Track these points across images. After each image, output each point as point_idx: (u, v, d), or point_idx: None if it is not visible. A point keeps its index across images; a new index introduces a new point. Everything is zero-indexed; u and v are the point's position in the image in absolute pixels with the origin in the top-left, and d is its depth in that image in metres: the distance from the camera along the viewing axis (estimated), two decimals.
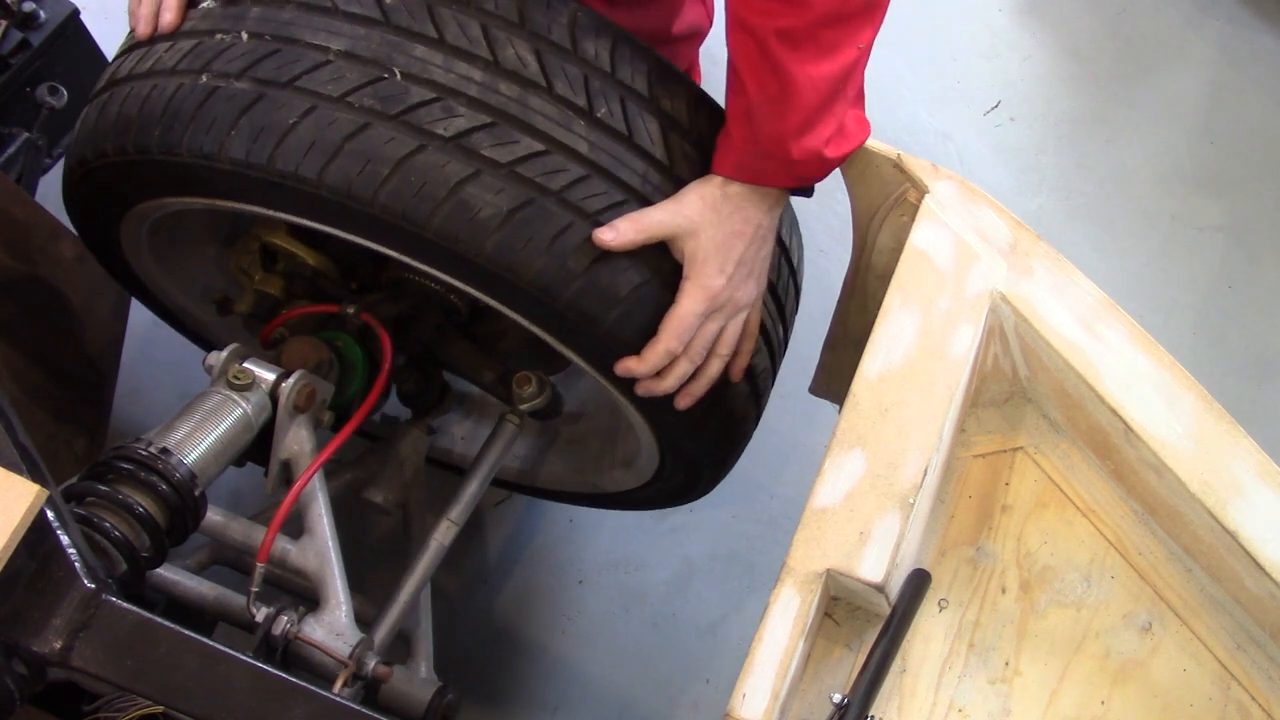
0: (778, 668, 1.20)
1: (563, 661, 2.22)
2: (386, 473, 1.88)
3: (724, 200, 1.36)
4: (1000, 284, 1.37)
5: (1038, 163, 2.79)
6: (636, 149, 1.36)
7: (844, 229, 1.58)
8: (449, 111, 1.30)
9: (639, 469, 1.80)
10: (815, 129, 1.34)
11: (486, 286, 1.38)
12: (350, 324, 1.69)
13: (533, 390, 1.75)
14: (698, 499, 1.87)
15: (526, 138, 1.31)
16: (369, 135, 1.29)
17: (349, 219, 1.35)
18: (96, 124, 1.43)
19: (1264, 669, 1.32)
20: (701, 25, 1.98)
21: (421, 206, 1.30)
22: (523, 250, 1.31)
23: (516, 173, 1.30)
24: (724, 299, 1.39)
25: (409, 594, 1.69)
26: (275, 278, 1.70)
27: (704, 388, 1.46)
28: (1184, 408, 1.31)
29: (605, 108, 1.35)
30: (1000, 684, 1.32)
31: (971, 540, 1.40)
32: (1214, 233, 2.72)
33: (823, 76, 1.30)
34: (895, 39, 2.90)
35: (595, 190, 1.33)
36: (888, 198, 1.47)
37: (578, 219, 1.32)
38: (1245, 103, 2.89)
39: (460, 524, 1.77)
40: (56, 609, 1.10)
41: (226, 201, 1.42)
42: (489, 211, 1.30)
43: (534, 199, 1.31)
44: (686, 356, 1.40)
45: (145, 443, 1.40)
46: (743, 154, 1.36)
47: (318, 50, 1.32)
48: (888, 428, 1.30)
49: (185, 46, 1.38)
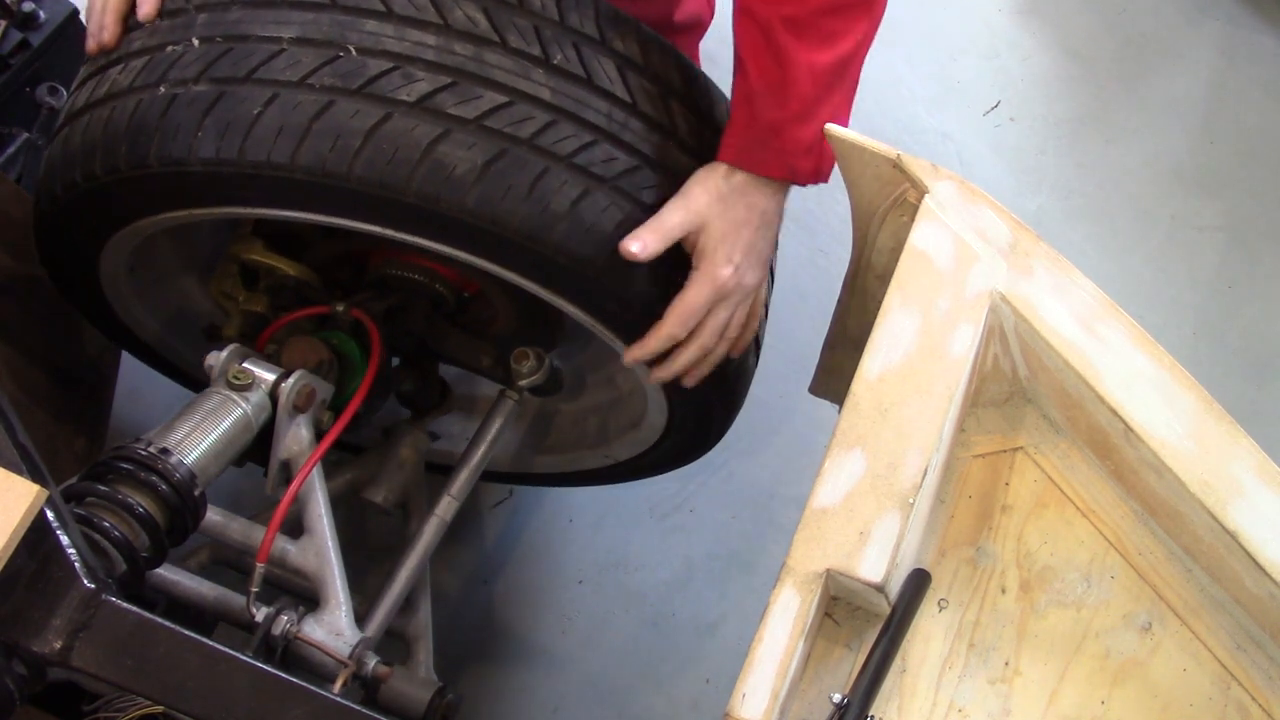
0: (778, 668, 1.20)
1: (563, 661, 2.22)
2: (386, 473, 1.88)
3: (729, 190, 1.39)
4: (1000, 284, 1.37)
5: (1038, 163, 2.79)
6: (597, 90, 1.38)
7: (844, 229, 1.58)
8: (409, 78, 1.32)
9: (650, 424, 1.80)
10: (811, 120, 1.37)
11: (474, 245, 1.39)
12: (342, 322, 1.69)
13: (531, 365, 1.76)
14: (712, 446, 1.86)
15: (489, 92, 1.33)
16: (334, 112, 1.31)
17: (328, 199, 1.35)
18: (62, 157, 1.44)
19: (1264, 669, 1.32)
20: (703, 16, 1.98)
21: (398, 172, 1.31)
22: (504, 200, 1.33)
23: (485, 126, 1.32)
24: (731, 287, 1.42)
25: (411, 567, 1.71)
26: (259, 295, 1.71)
27: (710, 369, 1.49)
28: (1184, 408, 1.31)
29: (560, 54, 1.37)
30: (1000, 684, 1.32)
31: (971, 540, 1.40)
32: (1214, 233, 2.72)
33: (822, 65, 1.34)
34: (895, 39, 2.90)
35: (565, 134, 1.35)
36: (888, 198, 1.47)
37: (553, 163, 1.34)
38: (1245, 103, 2.89)
39: (460, 500, 1.79)
40: (56, 609, 1.10)
41: (203, 209, 1.42)
42: (465, 167, 1.31)
43: (507, 149, 1.33)
44: (696, 343, 1.44)
45: (145, 443, 1.40)
46: (744, 140, 1.39)
47: (270, 41, 1.33)
48: (888, 428, 1.30)
49: (138, 65, 1.39)
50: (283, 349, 1.65)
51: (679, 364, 1.46)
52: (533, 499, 2.35)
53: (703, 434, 1.80)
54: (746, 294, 1.45)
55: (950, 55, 2.90)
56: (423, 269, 1.71)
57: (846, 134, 1.44)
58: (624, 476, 2.04)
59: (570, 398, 2.04)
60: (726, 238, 1.39)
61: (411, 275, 1.71)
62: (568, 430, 2.06)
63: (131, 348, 1.89)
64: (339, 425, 1.58)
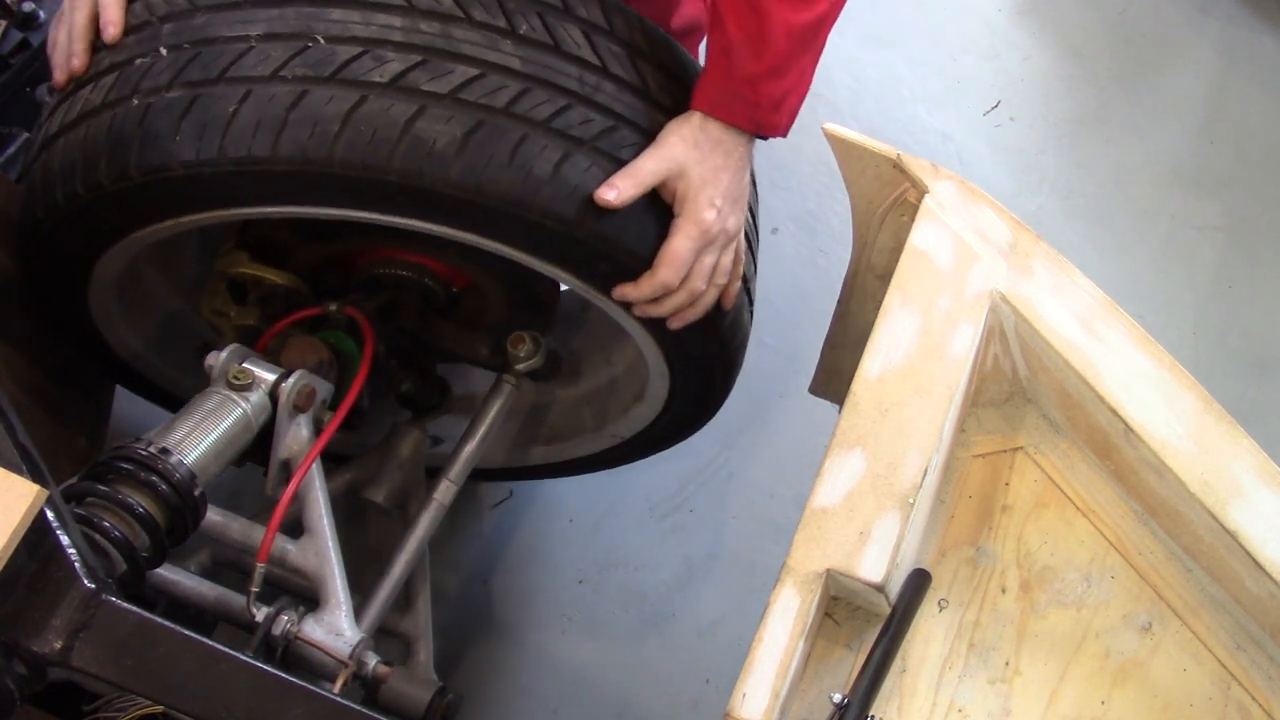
0: (778, 668, 1.20)
1: (563, 661, 2.22)
2: (386, 473, 1.88)
3: (704, 137, 1.42)
4: (1000, 284, 1.37)
5: (1038, 163, 2.79)
6: (566, 55, 1.40)
7: (844, 229, 1.58)
8: (379, 60, 1.33)
9: (653, 394, 1.81)
10: (784, 76, 1.41)
11: (460, 219, 1.40)
12: (338, 321, 1.69)
13: (528, 349, 1.78)
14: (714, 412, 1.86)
15: (460, 66, 1.34)
16: (310, 100, 1.32)
17: (312, 189, 1.36)
18: (43, 180, 1.44)
19: (1264, 669, 1.32)
20: (700, 20, 1.99)
21: (379, 151, 1.32)
22: (486, 168, 1.34)
23: (460, 99, 1.33)
24: (716, 231, 1.44)
25: (411, 551, 1.72)
26: (250, 308, 1.71)
27: (699, 315, 1.51)
28: (1184, 408, 1.31)
29: (526, 24, 1.39)
30: (1000, 684, 1.32)
31: (971, 540, 1.40)
32: (1214, 233, 2.72)
33: (799, 24, 1.38)
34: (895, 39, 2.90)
35: (539, 100, 1.36)
36: (888, 198, 1.47)
37: (531, 129, 1.35)
38: (1245, 103, 2.89)
39: (459, 484, 1.80)
40: (56, 609, 1.10)
41: (189, 215, 1.42)
42: (445, 140, 1.33)
43: (484, 119, 1.34)
44: (685, 288, 1.46)
45: (145, 443, 1.40)
46: (719, 90, 1.42)
47: (238, 41, 1.34)
48: (888, 428, 1.30)
49: (108, 81, 1.39)
50: (282, 349, 1.65)
51: (668, 305, 1.48)
52: (532, 499, 2.35)
53: (705, 398, 1.80)
54: (730, 238, 1.48)
55: (950, 55, 2.90)
56: (410, 264, 1.71)
57: (847, 134, 1.44)
58: (633, 455, 2.04)
59: (569, 382, 2.04)
60: (707, 183, 1.42)
61: (399, 272, 1.72)
62: (570, 416, 2.06)
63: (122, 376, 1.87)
64: (337, 417, 1.58)
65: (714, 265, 1.47)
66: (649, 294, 1.45)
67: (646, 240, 1.44)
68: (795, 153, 2.64)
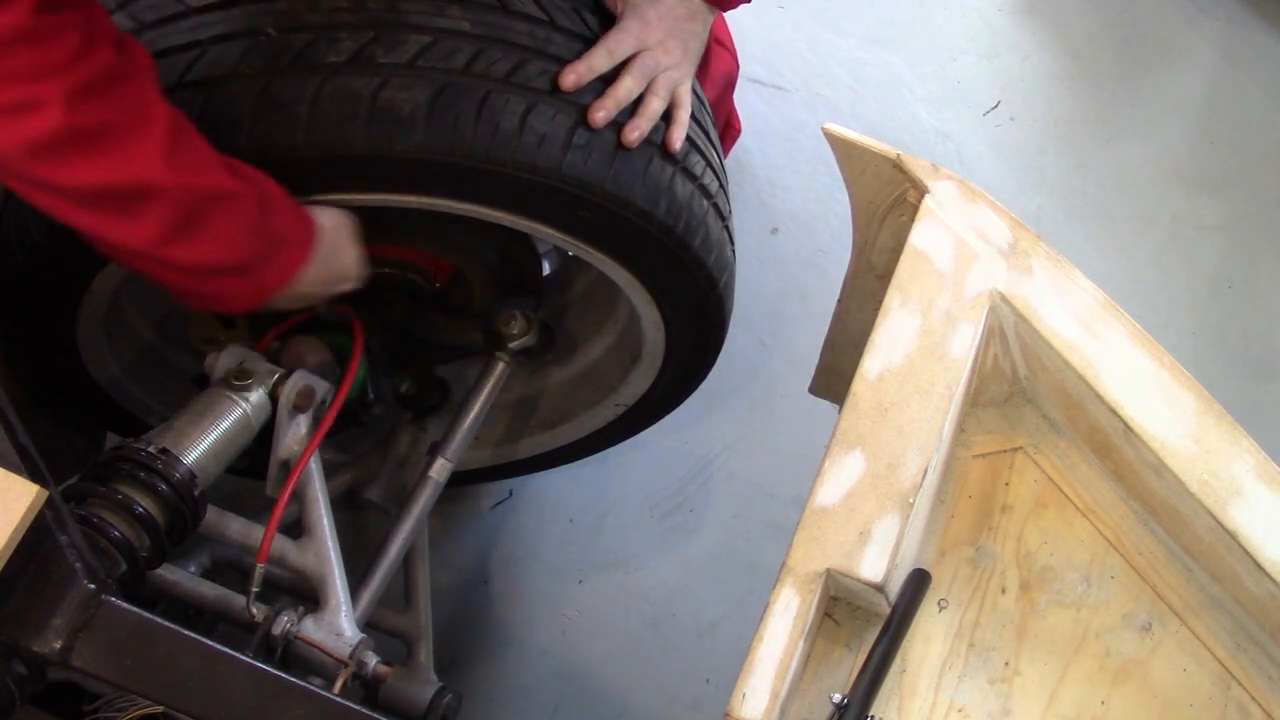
0: (778, 668, 1.20)
1: (563, 661, 2.22)
2: (386, 472, 1.88)
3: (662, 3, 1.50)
4: (1000, 284, 1.37)
5: (1038, 163, 2.78)
6: (514, 13, 1.44)
7: (844, 229, 1.58)
8: (333, 42, 1.36)
9: (651, 355, 1.82)
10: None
11: (435, 185, 1.42)
12: (329, 320, 1.69)
13: (521, 326, 1.79)
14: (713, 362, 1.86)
15: (413, 35, 1.38)
16: (271, 91, 1.34)
17: (285, 178, 1.37)
18: (17, 221, 1.44)
19: (1264, 669, 1.32)
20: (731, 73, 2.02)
21: (347, 128, 1.35)
22: (455, 128, 1.37)
23: (418, 66, 1.36)
24: (655, 41, 1.49)
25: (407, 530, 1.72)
26: (240, 329, 1.71)
27: (648, 123, 1.51)
28: (1184, 408, 1.31)
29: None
30: (1000, 684, 1.32)
31: (971, 540, 1.40)
32: (1214, 233, 2.72)
33: None
34: (895, 39, 2.90)
35: (495, 57, 1.40)
36: (888, 198, 1.47)
37: (493, 85, 1.39)
38: (1245, 103, 2.89)
39: (454, 462, 1.80)
40: (56, 609, 1.10)
41: None
42: (410, 106, 1.36)
43: (446, 83, 1.37)
44: (628, 77, 1.48)
45: (145, 443, 1.40)
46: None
47: (190, 47, 1.36)
48: (888, 428, 1.30)
49: None
50: (282, 349, 1.65)
51: (617, 93, 1.48)
52: (532, 499, 2.35)
53: (703, 345, 1.80)
54: (670, 63, 1.51)
55: (950, 55, 2.89)
56: (391, 261, 1.72)
57: (846, 134, 1.44)
58: (639, 424, 2.04)
59: (566, 360, 2.04)
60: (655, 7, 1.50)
61: (382, 270, 1.72)
62: (571, 394, 2.06)
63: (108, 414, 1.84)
64: (332, 411, 1.58)
65: (653, 70, 1.49)
66: (586, 74, 1.45)
67: (624, 182, 1.46)
68: (795, 153, 2.63)
